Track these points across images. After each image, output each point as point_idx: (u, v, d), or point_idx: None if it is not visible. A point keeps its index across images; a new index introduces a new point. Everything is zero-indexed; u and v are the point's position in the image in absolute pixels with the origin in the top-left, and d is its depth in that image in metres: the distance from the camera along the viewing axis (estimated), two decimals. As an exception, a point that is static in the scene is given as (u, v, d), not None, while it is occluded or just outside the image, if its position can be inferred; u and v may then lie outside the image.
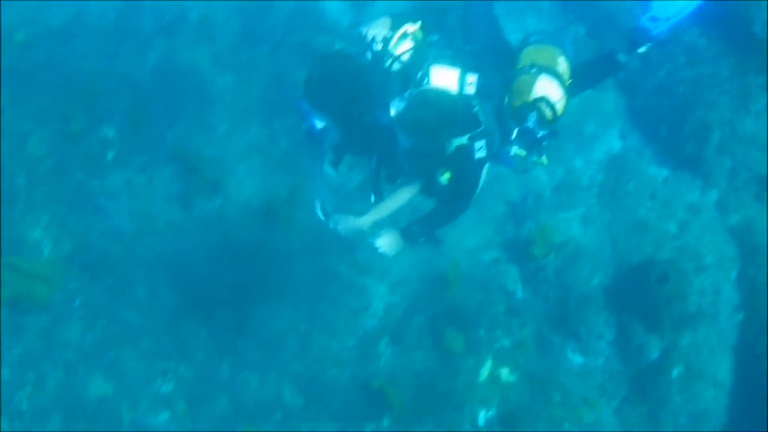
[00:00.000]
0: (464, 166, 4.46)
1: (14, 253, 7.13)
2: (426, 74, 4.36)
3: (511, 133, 4.48)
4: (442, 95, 4.18)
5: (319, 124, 4.40)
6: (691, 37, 7.23)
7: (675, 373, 6.90)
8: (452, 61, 4.44)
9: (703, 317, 6.93)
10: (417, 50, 4.48)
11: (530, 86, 4.43)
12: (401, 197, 4.71)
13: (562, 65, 4.63)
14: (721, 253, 7.09)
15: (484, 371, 7.02)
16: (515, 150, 4.53)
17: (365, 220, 4.74)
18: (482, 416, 6.94)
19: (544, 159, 4.63)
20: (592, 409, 6.98)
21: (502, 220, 7.42)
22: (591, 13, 7.70)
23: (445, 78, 4.38)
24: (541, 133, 4.46)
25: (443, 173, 4.50)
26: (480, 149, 4.47)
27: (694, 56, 7.34)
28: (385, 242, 4.76)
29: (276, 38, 7.42)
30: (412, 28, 4.54)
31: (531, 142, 4.52)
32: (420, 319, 7.15)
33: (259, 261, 7.12)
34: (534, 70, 4.48)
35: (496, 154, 4.61)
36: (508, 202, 7.47)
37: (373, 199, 4.75)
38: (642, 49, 4.86)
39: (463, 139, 4.43)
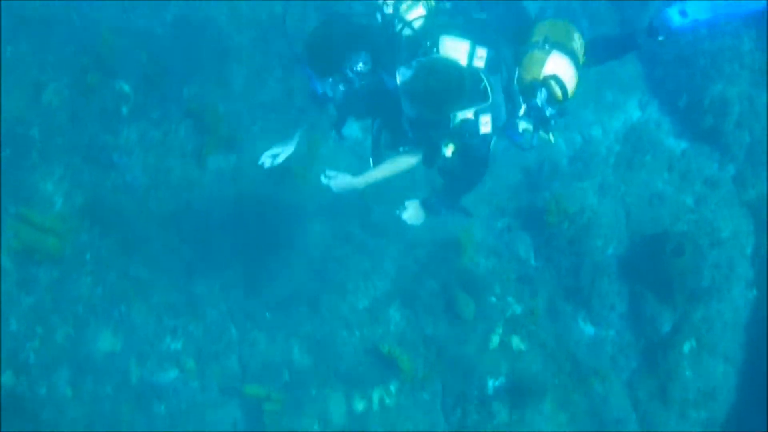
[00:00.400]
0: (468, 139, 4.47)
1: (26, 204, 7.27)
2: (435, 44, 4.38)
3: (519, 109, 4.54)
4: (450, 65, 4.15)
5: (321, 87, 4.41)
6: (713, 10, 7.36)
7: (686, 347, 7.07)
8: (463, 32, 4.44)
9: (717, 292, 7.10)
10: (428, 18, 4.50)
11: (542, 62, 4.47)
12: (399, 164, 4.74)
13: (577, 43, 4.65)
14: (736, 228, 7.26)
15: (495, 338, 7.19)
16: (523, 125, 4.59)
17: (359, 181, 4.78)
18: (491, 384, 7.12)
19: (551, 137, 4.68)
20: (603, 381, 7.13)
21: (518, 187, 7.57)
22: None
23: (454, 49, 4.38)
24: (549, 112, 4.50)
25: (447, 145, 4.55)
26: (485, 124, 4.45)
27: (716, 28, 7.48)
28: (410, 213, 4.87)
29: (296, -5, 7.58)
30: None
31: (539, 120, 4.56)
32: (432, 283, 7.31)
33: (272, 220, 7.25)
34: (547, 45, 4.51)
35: (502, 129, 4.63)
36: (524, 168, 7.62)
37: (371, 162, 4.81)
38: (661, 38, 4.85)
39: (469, 113, 4.43)
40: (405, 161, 4.73)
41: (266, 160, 5.03)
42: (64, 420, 7.04)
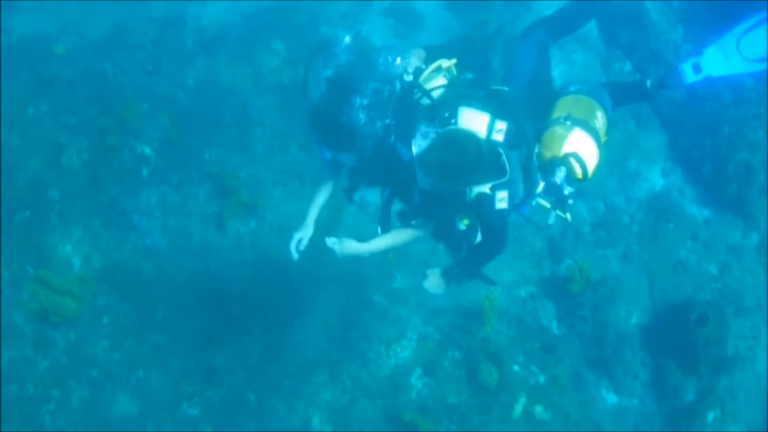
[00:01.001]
0: (484, 215, 4.50)
1: (44, 266, 7.53)
2: (454, 115, 4.38)
3: (537, 186, 4.57)
4: (468, 138, 4.12)
5: (329, 154, 4.46)
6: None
7: (710, 417, 7.32)
8: (483, 105, 4.45)
9: (741, 361, 7.35)
10: (449, 88, 4.53)
11: (562, 139, 4.51)
12: (407, 234, 4.84)
13: (600, 121, 4.69)
14: (760, 296, 7.53)
15: (518, 407, 7.42)
16: (541, 203, 4.65)
17: (365, 248, 4.86)
18: (514, 454, 7.33)
19: (568, 216, 4.67)
20: (625, 451, 7.37)
21: (540, 255, 7.86)
22: (637, 48, 8.19)
23: (474, 121, 4.39)
24: (568, 190, 4.52)
25: (462, 219, 4.61)
26: (501, 200, 4.45)
27: (740, 95, 7.80)
28: (431, 282, 4.97)
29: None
30: (446, 63, 4.61)
31: (557, 198, 4.59)
32: (454, 351, 7.57)
33: (293, 286, 7.47)
34: (569, 122, 4.56)
35: (519, 206, 4.68)
36: (547, 236, 7.90)
37: (379, 230, 4.89)
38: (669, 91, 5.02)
39: (486, 187, 4.45)
40: (413, 232, 4.82)
41: (293, 251, 5.10)
42: (79, 486, 7.18)
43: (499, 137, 4.39)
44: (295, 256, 5.08)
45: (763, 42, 4.78)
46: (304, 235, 5.15)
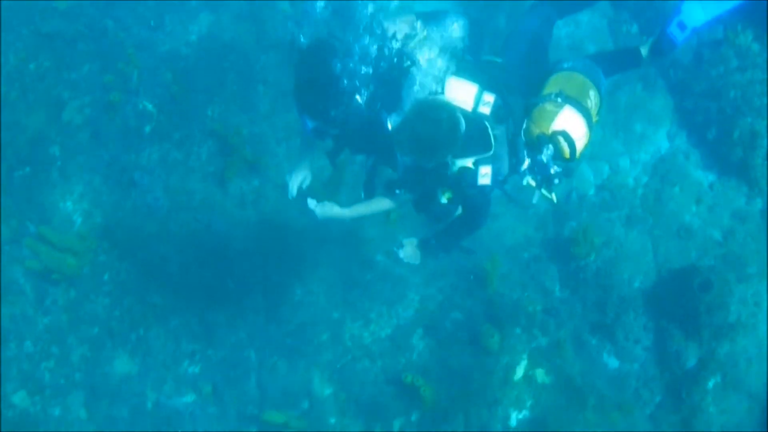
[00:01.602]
0: (467, 189, 4.40)
1: (45, 223, 7.51)
2: (441, 83, 4.32)
3: (522, 163, 4.47)
4: (442, 108, 4.03)
5: (311, 123, 4.33)
6: (744, 41, 7.65)
7: (711, 383, 7.31)
8: (472, 75, 4.37)
9: (743, 328, 7.33)
10: (439, 56, 4.41)
11: (552, 116, 4.39)
12: (389, 203, 4.79)
13: (592, 101, 4.58)
14: (763, 263, 7.50)
15: (519, 370, 7.42)
16: (527, 180, 4.52)
17: (345, 213, 4.84)
18: (514, 417, 7.34)
19: (553, 196, 4.58)
20: (626, 415, 7.38)
21: (544, 217, 7.83)
22: (645, 11, 8.13)
23: (460, 92, 4.31)
24: (554, 169, 4.41)
25: (444, 192, 4.52)
26: (485, 175, 4.37)
27: (747, 61, 7.74)
28: (407, 252, 4.92)
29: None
30: (438, 31, 4.48)
31: (542, 177, 4.47)
32: (456, 313, 7.56)
33: (295, 245, 7.46)
34: (560, 99, 4.45)
35: (502, 183, 4.62)
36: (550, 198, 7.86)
37: (362, 196, 4.85)
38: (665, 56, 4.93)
39: (469, 161, 4.36)
40: (395, 201, 4.78)
41: (294, 189, 5.16)
42: (78, 443, 7.19)
43: (485, 110, 4.32)
44: (295, 193, 5.09)
45: None
46: (305, 176, 5.16)
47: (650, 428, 7.37)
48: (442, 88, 4.26)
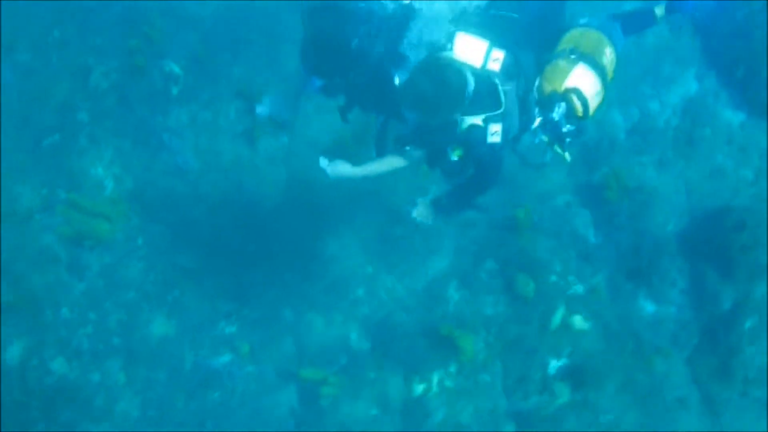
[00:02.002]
0: (476, 147, 4.31)
1: (76, 189, 7.50)
2: (450, 39, 4.23)
3: (533, 121, 4.38)
4: (448, 66, 4.02)
5: (318, 81, 4.26)
6: (767, -19, 7.59)
7: (748, 324, 7.26)
8: (482, 31, 4.26)
9: (778, 266, 7.26)
10: (449, 9, 4.29)
11: (565, 73, 4.30)
12: (401, 161, 4.67)
13: (608, 57, 4.46)
14: (797, 201, 7.44)
15: (556, 318, 7.39)
16: (539, 138, 4.44)
17: (356, 171, 4.75)
18: (553, 365, 7.31)
19: (567, 155, 4.47)
20: (665, 359, 7.34)
21: (576, 162, 7.78)
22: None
23: (470, 48, 4.21)
24: (566, 128, 4.33)
25: (454, 149, 4.41)
26: (494, 133, 4.27)
27: (771, 0, 7.68)
28: (420, 211, 4.83)
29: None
30: None
31: (554, 136, 4.39)
32: (490, 262, 7.52)
33: (326, 201, 7.43)
34: (573, 56, 4.36)
35: (513, 141, 4.51)
36: (582, 143, 7.83)
37: (374, 153, 4.77)
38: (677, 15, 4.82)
39: (478, 119, 4.26)
40: (408, 158, 4.66)
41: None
42: (118, 407, 7.20)
43: (495, 66, 4.21)
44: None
45: None
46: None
47: (688, 371, 7.25)
48: (451, 44, 4.17)
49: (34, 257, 7.27)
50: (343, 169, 4.73)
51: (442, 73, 3.93)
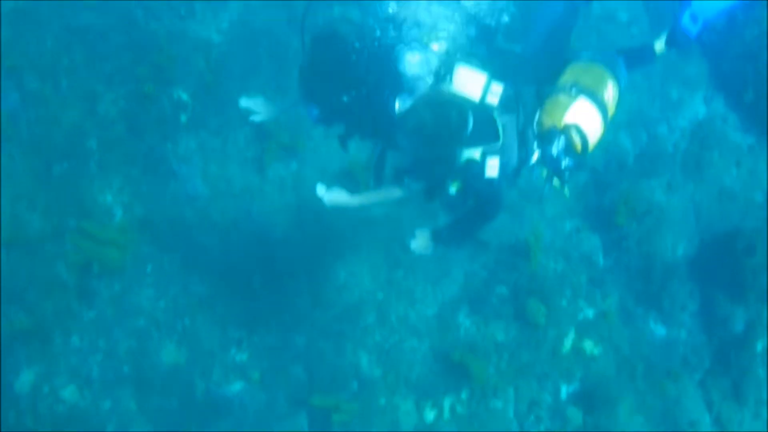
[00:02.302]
0: (474, 180, 4.29)
1: (85, 217, 7.48)
2: (450, 71, 4.22)
3: (532, 155, 4.33)
4: (452, 103, 4.04)
5: (315, 110, 4.24)
6: (779, 1, 7.60)
7: (759, 346, 7.27)
8: (482, 63, 4.25)
9: (789, 290, 7.27)
10: (449, 42, 4.29)
11: (565, 108, 4.25)
12: (398, 192, 4.65)
13: (610, 93, 4.41)
14: (806, 223, 7.44)
15: (567, 343, 7.40)
16: (538, 172, 4.38)
17: (353, 200, 4.76)
18: (565, 389, 7.33)
19: (565, 190, 4.43)
20: (676, 382, 7.35)
21: (585, 186, 7.78)
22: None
23: (469, 80, 4.19)
24: (565, 163, 4.27)
25: (453, 182, 4.38)
26: (492, 167, 4.25)
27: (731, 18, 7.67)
28: (419, 243, 4.79)
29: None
30: (451, 16, 4.31)
31: (552, 170, 4.32)
32: (501, 288, 7.52)
33: (336, 227, 7.43)
34: (575, 90, 4.30)
35: (513, 175, 4.48)
36: (591, 168, 7.83)
37: (372, 183, 4.73)
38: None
39: (476, 152, 4.26)
40: (406, 190, 4.63)
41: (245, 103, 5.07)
42: (130, 435, 7.18)
43: (494, 100, 4.20)
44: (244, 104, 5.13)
45: None
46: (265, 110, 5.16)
47: (700, 394, 7.26)
48: (451, 76, 4.16)
49: (44, 285, 7.20)
50: (339, 197, 4.76)
51: (443, 109, 3.97)
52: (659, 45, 4.90)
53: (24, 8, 7.58)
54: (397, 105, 4.10)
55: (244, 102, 4.90)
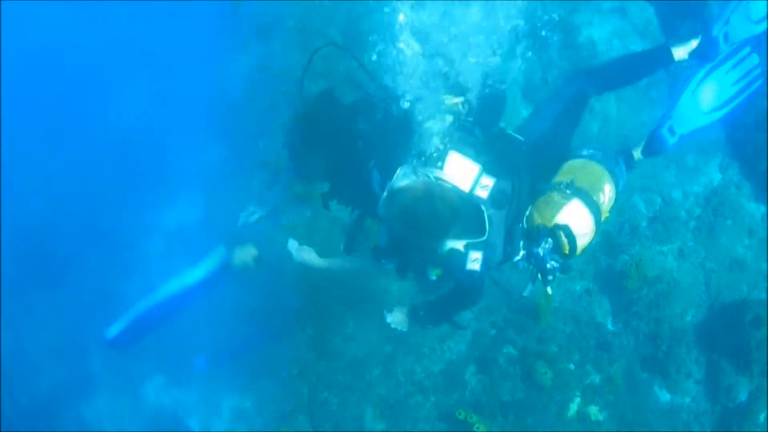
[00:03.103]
0: (455, 271, 4.13)
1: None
2: (442, 158, 4.06)
3: (517, 252, 4.18)
4: (443, 195, 3.86)
5: (301, 168, 4.21)
6: (794, 73, 7.59)
7: (762, 417, 7.27)
8: (476, 154, 4.08)
9: (794, 363, 7.28)
10: (449, 125, 4.14)
11: (558, 208, 4.10)
12: (368, 264, 4.52)
13: (606, 195, 4.27)
14: (815, 297, 7.45)
15: (573, 407, 7.36)
16: (522, 266, 4.23)
17: (321, 263, 4.79)
18: (568, 454, 7.26)
19: (549, 290, 4.27)
20: (678, 452, 7.32)
21: (597, 249, 7.75)
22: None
23: (460, 169, 4.05)
24: (550, 264, 4.13)
25: (434, 269, 4.27)
26: (474, 261, 4.08)
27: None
28: (395, 318, 4.71)
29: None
30: (453, 100, 4.20)
31: (537, 269, 4.18)
32: (509, 348, 7.47)
33: (346, 279, 7.36)
34: (569, 191, 4.17)
35: (497, 268, 4.31)
36: (603, 231, 7.79)
37: (342, 247, 4.65)
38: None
39: (460, 244, 4.09)
40: (378, 268, 4.50)
41: (243, 216, 5.00)
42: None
43: (483, 194, 4.04)
44: (240, 221, 5.13)
45: (713, 93, 4.68)
46: (257, 211, 5.18)
47: (702, 463, 7.25)
48: (442, 163, 4.02)
49: None
50: (308, 257, 4.80)
51: (434, 204, 3.80)
52: (636, 153, 4.77)
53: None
54: (376, 184, 3.99)
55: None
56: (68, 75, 7.84)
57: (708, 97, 4.60)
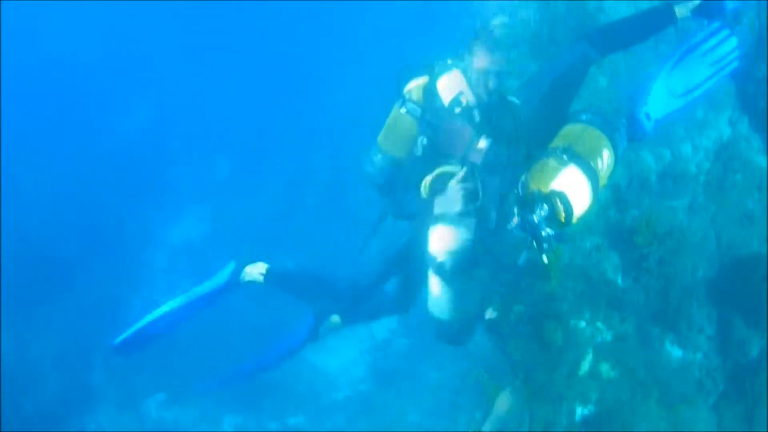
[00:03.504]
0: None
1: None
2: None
3: (510, 219, 4.10)
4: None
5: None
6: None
7: (774, 372, 7.14)
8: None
9: (806, 316, 7.16)
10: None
11: (554, 174, 4.04)
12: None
13: (604, 161, 4.22)
14: (827, 250, 7.33)
15: (585, 365, 7.21)
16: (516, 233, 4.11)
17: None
18: (579, 412, 7.14)
19: (544, 258, 4.23)
20: (690, 406, 7.22)
21: (606, 204, 7.58)
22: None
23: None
24: (545, 232, 4.08)
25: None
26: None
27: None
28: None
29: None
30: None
31: (532, 237, 4.11)
32: (519, 307, 7.30)
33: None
34: (566, 156, 4.10)
35: (489, 235, 4.26)
36: (612, 185, 7.62)
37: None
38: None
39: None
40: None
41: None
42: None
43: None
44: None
45: (685, 77, 4.80)
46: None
47: (713, 418, 7.14)
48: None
49: None
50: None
51: None
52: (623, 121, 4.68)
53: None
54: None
55: None
56: (77, 86, 7.63)
57: (682, 80, 4.46)
